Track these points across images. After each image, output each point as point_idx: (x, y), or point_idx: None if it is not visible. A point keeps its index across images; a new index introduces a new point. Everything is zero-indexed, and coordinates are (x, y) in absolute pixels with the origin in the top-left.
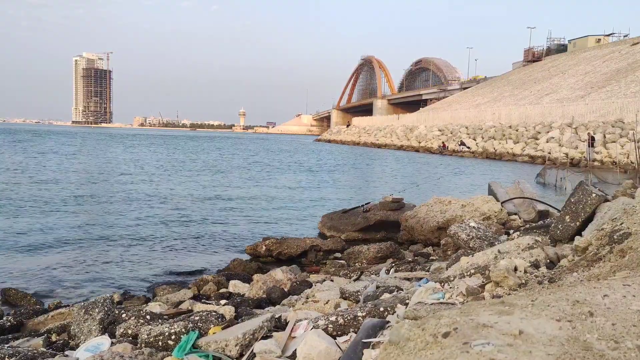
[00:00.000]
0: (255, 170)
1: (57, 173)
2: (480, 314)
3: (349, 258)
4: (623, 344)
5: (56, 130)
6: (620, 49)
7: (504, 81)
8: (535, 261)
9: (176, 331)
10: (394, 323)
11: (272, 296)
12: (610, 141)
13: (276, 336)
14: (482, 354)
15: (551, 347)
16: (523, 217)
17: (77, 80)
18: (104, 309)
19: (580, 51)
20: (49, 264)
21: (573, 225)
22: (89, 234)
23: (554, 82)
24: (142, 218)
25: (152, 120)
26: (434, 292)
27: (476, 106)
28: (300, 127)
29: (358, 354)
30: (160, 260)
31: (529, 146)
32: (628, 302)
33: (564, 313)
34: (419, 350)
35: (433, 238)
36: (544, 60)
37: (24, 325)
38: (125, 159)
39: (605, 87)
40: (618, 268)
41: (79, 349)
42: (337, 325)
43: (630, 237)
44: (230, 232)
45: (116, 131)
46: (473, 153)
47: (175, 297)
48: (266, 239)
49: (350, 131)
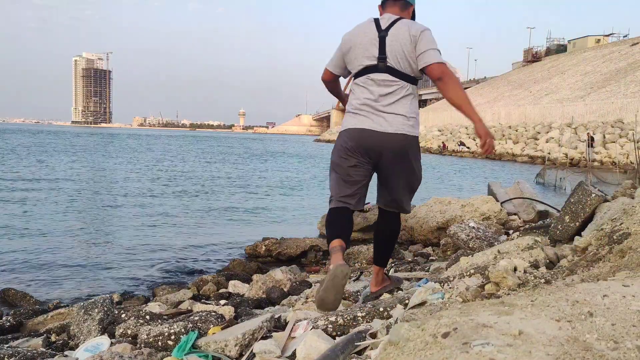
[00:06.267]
0: (255, 170)
1: (57, 173)
2: (480, 314)
3: (348, 258)
4: (623, 344)
5: (56, 130)
6: (620, 49)
7: (503, 81)
8: (534, 261)
9: (176, 331)
10: (379, 328)
11: (271, 296)
12: (609, 141)
13: (276, 336)
14: (481, 354)
15: (551, 347)
16: (523, 217)
17: (76, 80)
18: (103, 309)
19: (580, 51)
20: (48, 264)
21: (572, 225)
22: (89, 234)
23: (553, 82)
24: (141, 218)
25: (152, 120)
26: (434, 292)
27: (476, 106)
28: (300, 127)
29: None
30: (159, 260)
31: (528, 146)
32: (628, 302)
33: (564, 313)
34: (418, 351)
35: (433, 238)
36: (543, 60)
37: (24, 325)
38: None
39: (605, 87)
40: (618, 268)
41: (79, 349)
42: (337, 326)
43: (630, 237)
44: (230, 232)
45: (117, 131)
46: (473, 153)
47: (175, 297)
48: (266, 239)
49: None
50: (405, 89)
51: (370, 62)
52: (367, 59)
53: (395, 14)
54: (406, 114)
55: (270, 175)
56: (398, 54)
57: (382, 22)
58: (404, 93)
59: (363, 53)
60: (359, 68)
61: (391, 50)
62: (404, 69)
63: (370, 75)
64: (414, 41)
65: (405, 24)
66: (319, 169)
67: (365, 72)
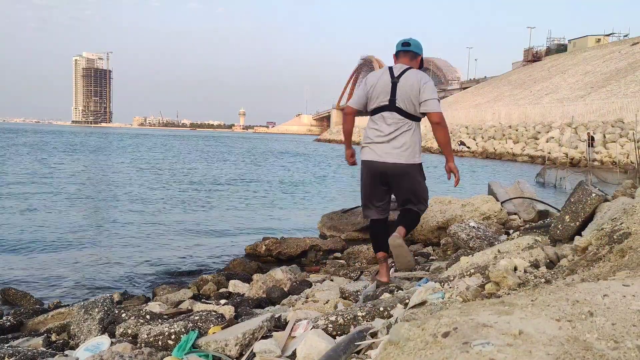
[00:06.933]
0: (255, 169)
1: (57, 172)
2: (480, 313)
3: (349, 258)
4: (623, 343)
5: (56, 129)
6: (620, 49)
7: (503, 81)
8: (535, 261)
9: (176, 331)
10: (379, 328)
11: (271, 296)
12: (610, 141)
13: (276, 336)
14: (482, 353)
15: (551, 346)
16: (523, 217)
17: (76, 80)
18: (103, 309)
19: (580, 51)
20: (48, 264)
21: (573, 225)
22: (89, 234)
23: (553, 82)
24: (142, 218)
25: (152, 120)
26: (434, 291)
27: (476, 106)
28: (300, 127)
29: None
30: (160, 260)
31: (528, 146)
32: (628, 302)
33: (564, 313)
34: (418, 350)
35: (433, 238)
36: (543, 60)
37: (24, 324)
38: (133, 161)
39: (605, 87)
40: (618, 268)
41: (79, 349)
42: (337, 325)
43: (630, 237)
44: (230, 232)
45: (117, 131)
46: (473, 153)
47: (175, 296)
48: (266, 239)
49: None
50: (408, 125)
51: (384, 103)
52: (382, 99)
53: (406, 64)
54: (406, 145)
55: (270, 175)
56: (405, 98)
57: (395, 70)
58: (406, 128)
59: (379, 95)
60: (375, 106)
61: (400, 94)
62: (409, 110)
63: (383, 113)
64: (419, 90)
65: (413, 74)
66: (319, 169)
67: (379, 110)
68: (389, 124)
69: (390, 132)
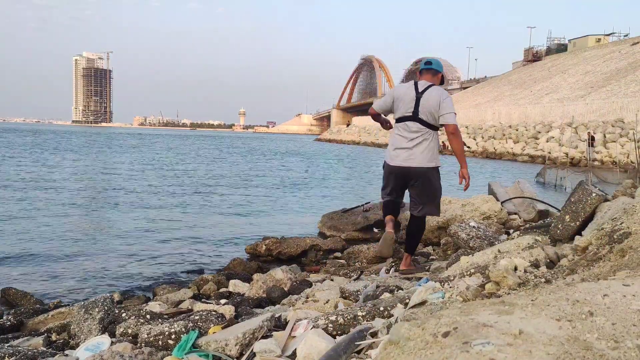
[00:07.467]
0: (256, 169)
1: (57, 172)
2: (480, 313)
3: (349, 258)
4: (623, 343)
5: (56, 129)
6: (620, 49)
7: (504, 81)
8: (535, 261)
9: (176, 330)
10: (380, 327)
11: (272, 296)
12: (610, 141)
13: (276, 335)
14: (482, 353)
15: (551, 346)
16: (523, 216)
17: (77, 80)
18: (104, 309)
19: (580, 51)
20: (48, 264)
21: (573, 224)
22: (89, 234)
23: (554, 82)
24: (142, 218)
25: (152, 120)
26: (434, 291)
27: (476, 106)
28: (301, 127)
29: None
30: (160, 259)
31: (529, 146)
32: (628, 302)
33: (564, 312)
34: (419, 350)
35: (433, 237)
36: (544, 60)
37: (24, 324)
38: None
39: (605, 87)
40: (618, 268)
41: (79, 349)
42: (337, 325)
43: (630, 237)
44: (230, 232)
45: (117, 130)
46: (473, 152)
47: (175, 296)
48: (266, 239)
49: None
50: (428, 133)
51: (408, 113)
52: (406, 111)
53: (429, 80)
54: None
55: (271, 174)
56: (427, 110)
57: (419, 86)
58: (426, 137)
59: (405, 106)
60: (400, 115)
61: (422, 107)
62: (429, 121)
63: (407, 123)
64: (438, 104)
65: (435, 91)
66: (320, 168)
67: (404, 119)
68: (411, 131)
69: (412, 138)
